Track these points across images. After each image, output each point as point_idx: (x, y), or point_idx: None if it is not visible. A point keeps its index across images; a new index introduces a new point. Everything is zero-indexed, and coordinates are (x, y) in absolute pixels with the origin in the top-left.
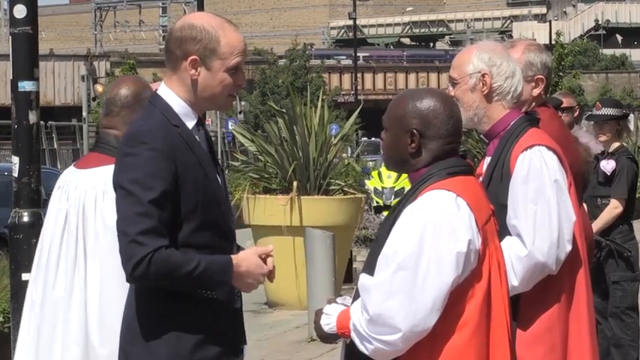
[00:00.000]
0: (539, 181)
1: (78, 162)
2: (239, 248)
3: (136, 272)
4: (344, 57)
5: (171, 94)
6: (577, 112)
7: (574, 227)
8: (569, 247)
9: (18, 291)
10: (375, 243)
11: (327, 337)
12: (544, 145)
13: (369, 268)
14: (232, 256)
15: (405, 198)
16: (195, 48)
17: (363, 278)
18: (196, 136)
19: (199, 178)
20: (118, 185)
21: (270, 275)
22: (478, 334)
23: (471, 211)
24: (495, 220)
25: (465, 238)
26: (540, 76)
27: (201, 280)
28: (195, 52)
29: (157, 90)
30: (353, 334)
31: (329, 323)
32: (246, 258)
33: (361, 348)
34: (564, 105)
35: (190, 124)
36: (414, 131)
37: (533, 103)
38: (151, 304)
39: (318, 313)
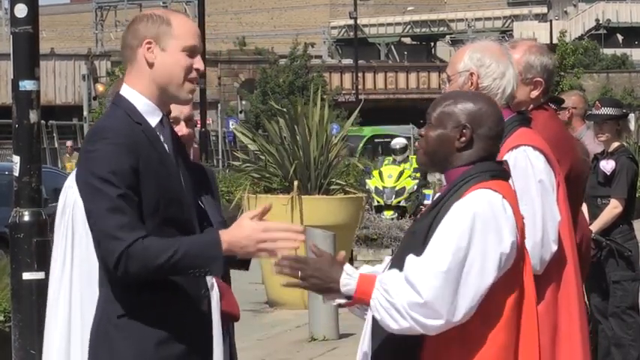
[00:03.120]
0: (523, 181)
1: None
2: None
3: (118, 268)
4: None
5: (134, 93)
6: (570, 113)
7: (560, 227)
8: (554, 247)
9: (19, 290)
10: (409, 238)
11: (322, 290)
12: (530, 145)
13: (399, 262)
14: (222, 230)
15: (447, 195)
16: (148, 31)
17: (417, 262)
18: (160, 134)
19: (161, 175)
20: (83, 182)
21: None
22: (509, 333)
23: (513, 214)
24: (524, 226)
25: (509, 240)
26: (539, 79)
27: (183, 264)
28: (149, 34)
29: (119, 91)
30: (378, 305)
31: (348, 284)
32: (238, 224)
33: (387, 320)
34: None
35: (154, 121)
36: (468, 125)
37: (531, 105)
38: (111, 304)
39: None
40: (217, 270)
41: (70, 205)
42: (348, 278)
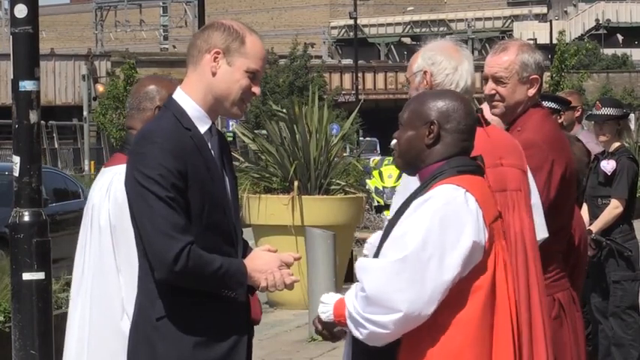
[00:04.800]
0: None
1: (107, 161)
2: (245, 251)
3: (176, 267)
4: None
5: (186, 98)
6: (579, 112)
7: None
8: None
9: (19, 290)
10: (382, 238)
11: (329, 334)
12: None
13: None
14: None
15: (414, 193)
16: (221, 41)
17: (363, 260)
18: (208, 142)
19: (206, 182)
20: (132, 183)
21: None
22: (480, 330)
23: (479, 207)
24: (502, 221)
25: (470, 233)
26: (535, 76)
27: (224, 280)
28: (221, 45)
29: (172, 94)
30: (348, 322)
31: (326, 311)
32: (253, 257)
33: (356, 334)
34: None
35: (203, 128)
36: (435, 121)
37: (529, 104)
38: (150, 306)
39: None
40: (242, 295)
41: (91, 206)
42: (325, 306)
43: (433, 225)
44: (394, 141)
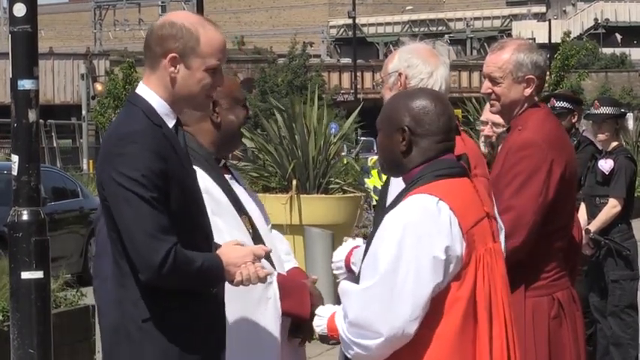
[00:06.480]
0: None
1: None
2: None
3: (164, 269)
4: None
5: (151, 93)
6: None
7: None
8: None
9: (17, 289)
10: (366, 247)
11: (325, 338)
12: None
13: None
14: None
15: (394, 202)
16: (175, 45)
17: (344, 284)
18: (178, 137)
19: (183, 179)
20: (113, 184)
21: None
22: (462, 342)
23: (453, 215)
24: (490, 222)
25: (443, 244)
26: (530, 76)
27: (206, 277)
28: (175, 49)
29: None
30: (340, 339)
31: (320, 325)
32: (226, 250)
33: (346, 353)
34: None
35: (170, 123)
36: (405, 128)
37: (526, 104)
38: (135, 307)
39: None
40: (222, 291)
41: None
42: (320, 319)
43: (405, 240)
44: None
